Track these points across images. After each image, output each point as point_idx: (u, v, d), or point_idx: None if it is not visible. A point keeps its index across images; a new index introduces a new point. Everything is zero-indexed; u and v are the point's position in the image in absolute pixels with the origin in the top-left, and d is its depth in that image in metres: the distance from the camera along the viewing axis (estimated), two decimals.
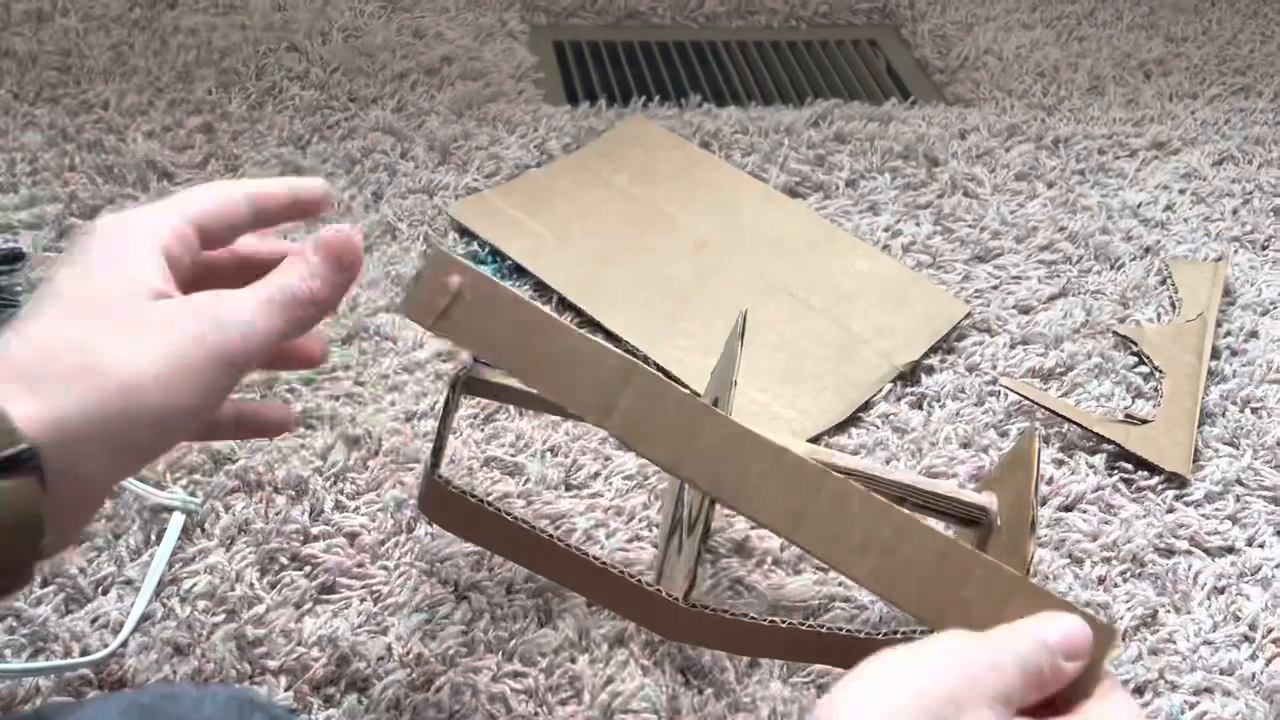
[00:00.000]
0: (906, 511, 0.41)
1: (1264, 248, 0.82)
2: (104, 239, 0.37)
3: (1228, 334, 0.73)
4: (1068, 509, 0.61)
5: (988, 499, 0.54)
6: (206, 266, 0.40)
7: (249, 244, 0.42)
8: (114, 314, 0.35)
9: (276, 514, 0.56)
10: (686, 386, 0.65)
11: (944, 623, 0.39)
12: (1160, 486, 0.62)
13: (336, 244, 0.39)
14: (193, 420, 0.35)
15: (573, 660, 0.51)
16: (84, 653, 0.49)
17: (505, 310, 0.44)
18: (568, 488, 0.60)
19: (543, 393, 0.43)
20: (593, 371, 0.43)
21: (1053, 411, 0.65)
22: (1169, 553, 0.59)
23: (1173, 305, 0.76)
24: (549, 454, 0.61)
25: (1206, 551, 0.59)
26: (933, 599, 0.40)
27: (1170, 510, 0.61)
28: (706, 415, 0.43)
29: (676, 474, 0.43)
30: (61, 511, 0.33)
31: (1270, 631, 0.55)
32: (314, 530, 0.56)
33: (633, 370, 0.43)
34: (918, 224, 0.81)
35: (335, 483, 0.58)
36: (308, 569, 0.54)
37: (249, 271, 0.40)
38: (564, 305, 0.71)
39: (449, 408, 0.47)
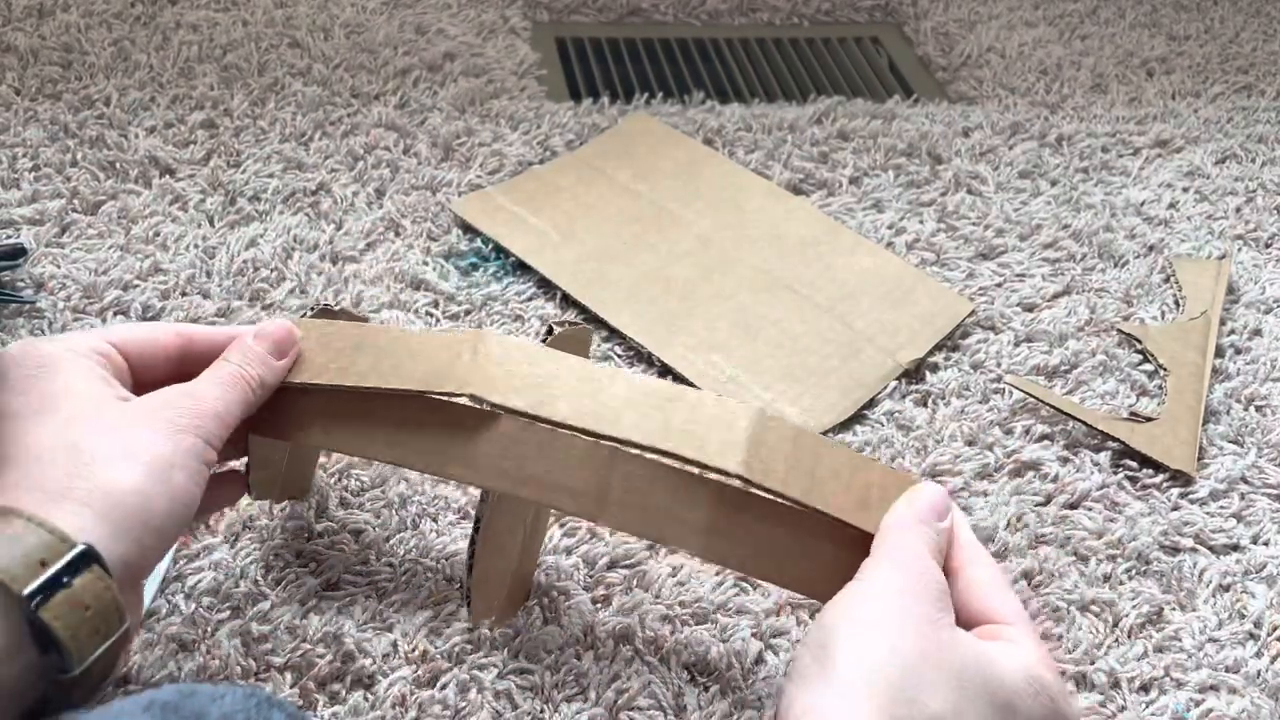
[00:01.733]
0: (757, 406, 0.45)
1: (1267, 246, 0.82)
2: (28, 366, 0.40)
3: (1231, 332, 0.73)
4: (1073, 506, 0.61)
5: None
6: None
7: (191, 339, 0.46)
8: (97, 412, 0.39)
9: (281, 511, 0.56)
10: (690, 383, 0.66)
11: (808, 500, 0.43)
12: (1165, 484, 0.62)
13: (277, 333, 0.45)
14: (196, 496, 0.40)
15: (578, 657, 0.51)
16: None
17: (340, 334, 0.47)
18: None
19: (400, 385, 0.45)
20: (433, 357, 0.45)
21: (1057, 409, 0.65)
22: (1174, 550, 0.59)
23: (1176, 303, 0.75)
24: None
25: (1211, 549, 0.59)
26: (796, 481, 0.43)
27: (1175, 508, 0.61)
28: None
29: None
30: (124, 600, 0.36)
31: (1276, 629, 0.55)
32: (318, 527, 0.56)
33: (481, 336, 0.46)
34: (921, 221, 0.81)
35: (339, 479, 0.58)
36: (312, 566, 0.54)
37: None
38: (567, 302, 0.71)
39: None
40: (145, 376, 0.44)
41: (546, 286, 0.72)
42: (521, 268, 0.74)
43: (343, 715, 0.48)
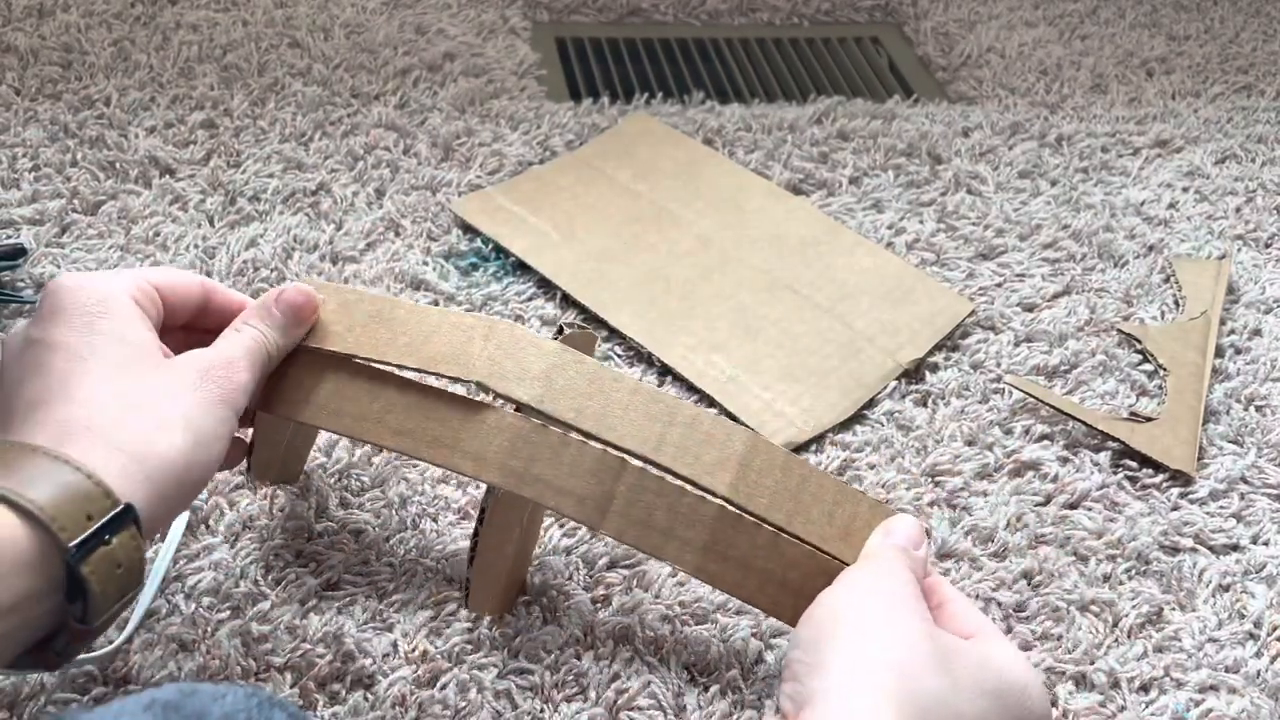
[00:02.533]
0: (751, 430, 0.46)
1: (1267, 245, 0.82)
2: (86, 304, 0.40)
3: (1231, 332, 0.73)
4: (1072, 506, 0.61)
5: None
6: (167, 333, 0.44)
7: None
8: (152, 372, 0.40)
9: (281, 510, 0.56)
10: (690, 383, 0.66)
11: (790, 526, 0.44)
12: (1165, 484, 0.62)
13: (298, 300, 0.45)
14: (219, 464, 0.41)
15: (578, 657, 0.51)
16: (88, 649, 0.49)
17: (358, 304, 0.47)
18: None
19: (413, 363, 0.46)
20: (447, 339, 0.46)
21: (1057, 409, 0.65)
22: (1174, 550, 0.59)
23: (1176, 303, 0.75)
24: None
25: (1211, 549, 0.59)
26: (781, 506, 0.44)
27: (1175, 508, 0.61)
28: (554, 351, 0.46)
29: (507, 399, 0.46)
30: None
31: (1275, 629, 0.55)
32: (318, 527, 0.56)
33: (493, 325, 0.46)
34: (921, 221, 0.81)
35: (340, 479, 0.58)
36: (312, 566, 0.54)
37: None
38: (567, 302, 0.71)
39: None
40: (171, 320, 0.45)
41: (546, 286, 0.72)
42: (521, 268, 0.74)
43: (343, 715, 0.48)
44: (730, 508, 0.44)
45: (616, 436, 0.44)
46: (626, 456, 0.45)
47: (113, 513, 0.34)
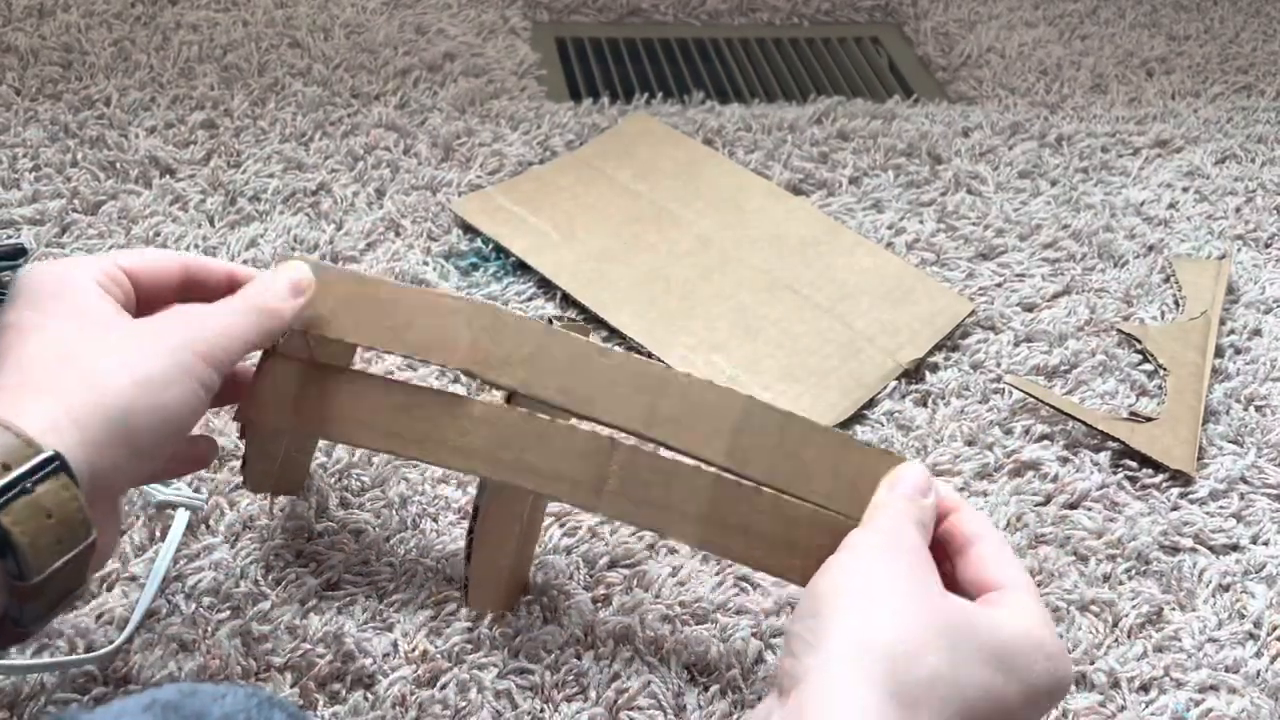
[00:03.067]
0: (747, 394, 0.44)
1: (1267, 245, 0.82)
2: (41, 287, 0.39)
3: (1231, 332, 0.73)
4: (1072, 506, 0.61)
5: None
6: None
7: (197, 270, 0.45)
8: (100, 331, 0.38)
9: (281, 510, 0.56)
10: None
11: (793, 488, 0.43)
12: (1165, 484, 0.62)
13: (293, 273, 0.45)
14: (191, 419, 0.39)
15: (578, 657, 0.51)
16: (89, 649, 0.49)
17: (342, 284, 0.47)
18: None
19: (398, 350, 0.46)
20: (431, 326, 0.45)
21: (1057, 409, 0.65)
22: (1174, 550, 0.59)
23: (1176, 303, 0.76)
24: None
25: (1211, 549, 0.59)
26: (782, 468, 0.43)
27: (1175, 508, 0.61)
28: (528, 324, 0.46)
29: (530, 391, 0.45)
30: (94, 513, 0.35)
31: (1275, 629, 0.55)
32: (318, 527, 0.56)
33: (478, 309, 0.46)
34: (921, 221, 0.81)
35: (340, 479, 0.58)
36: (312, 566, 0.54)
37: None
38: (568, 302, 0.71)
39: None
40: (152, 301, 0.43)
41: (546, 286, 0.72)
42: (521, 268, 0.74)
43: (343, 715, 0.48)
44: (728, 475, 0.44)
45: (606, 414, 0.44)
46: (614, 435, 0.44)
47: (34, 460, 0.33)
